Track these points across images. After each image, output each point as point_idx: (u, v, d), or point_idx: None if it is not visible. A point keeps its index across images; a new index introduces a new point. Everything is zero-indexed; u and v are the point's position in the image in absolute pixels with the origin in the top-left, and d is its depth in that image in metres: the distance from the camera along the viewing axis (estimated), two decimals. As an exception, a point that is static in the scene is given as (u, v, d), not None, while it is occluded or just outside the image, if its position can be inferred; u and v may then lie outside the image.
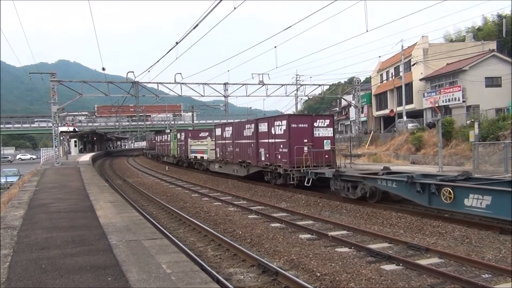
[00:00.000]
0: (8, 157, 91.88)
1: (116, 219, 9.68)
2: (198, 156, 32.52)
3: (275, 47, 25.44)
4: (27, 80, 40.51)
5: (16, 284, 5.33)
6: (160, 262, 6.17)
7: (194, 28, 15.62)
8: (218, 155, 27.44)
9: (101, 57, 53.96)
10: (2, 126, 78.23)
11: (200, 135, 36.88)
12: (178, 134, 39.62)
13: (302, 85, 39.79)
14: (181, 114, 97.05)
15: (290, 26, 17.92)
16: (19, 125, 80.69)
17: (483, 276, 7.67)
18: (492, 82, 37.75)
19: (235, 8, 13.71)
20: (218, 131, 27.70)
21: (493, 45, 43.36)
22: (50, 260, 6.30)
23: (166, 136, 48.00)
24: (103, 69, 31.91)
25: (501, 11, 53.88)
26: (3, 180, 34.17)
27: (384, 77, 52.60)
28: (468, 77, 36.78)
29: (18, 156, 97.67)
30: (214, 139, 28.94)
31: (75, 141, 59.85)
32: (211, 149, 29.09)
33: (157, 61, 23.03)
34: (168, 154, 45.34)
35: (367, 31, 19.90)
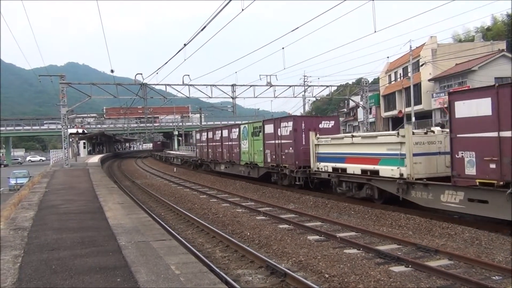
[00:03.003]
0: (18, 159, 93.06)
1: (125, 220, 9.75)
2: (353, 168, 15.47)
3: (283, 48, 25.38)
4: (36, 83, 40.90)
5: (27, 284, 5.40)
6: (168, 263, 6.20)
7: (202, 29, 15.67)
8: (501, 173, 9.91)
9: (110, 59, 54.33)
10: (12, 128, 79.30)
11: (320, 126, 19.99)
12: (269, 126, 21.85)
13: (310, 86, 39.59)
14: (189, 116, 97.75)
15: (298, 27, 17.87)
16: (29, 127, 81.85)
17: (493, 278, 7.60)
18: (502, 82, 37.38)
19: (243, 10, 13.72)
20: (477, 105, 10.30)
21: (502, 45, 43.00)
22: (60, 261, 6.36)
23: (224, 131, 28.93)
24: (112, 71, 32.21)
25: (511, 11, 53.36)
26: (13, 181, 34.62)
27: (393, 78, 52.36)
28: (477, 78, 36.47)
29: (28, 158, 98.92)
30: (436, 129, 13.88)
31: (84, 143, 60.34)
32: (416, 154, 12.79)
33: (165, 63, 23.13)
34: (231, 160, 27.24)
35: (375, 31, 19.74)
